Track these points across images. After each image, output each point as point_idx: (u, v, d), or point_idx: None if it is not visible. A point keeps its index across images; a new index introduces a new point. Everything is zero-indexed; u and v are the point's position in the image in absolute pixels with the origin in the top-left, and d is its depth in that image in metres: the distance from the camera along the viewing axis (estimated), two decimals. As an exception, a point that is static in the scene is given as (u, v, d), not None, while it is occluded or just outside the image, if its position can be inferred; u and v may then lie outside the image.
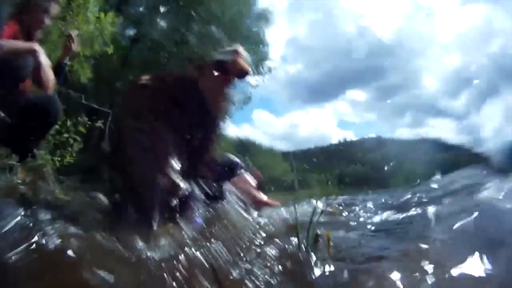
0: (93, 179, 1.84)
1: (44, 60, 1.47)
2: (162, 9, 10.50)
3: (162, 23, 11.11)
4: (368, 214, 1.53)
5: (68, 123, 2.39)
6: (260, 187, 1.62)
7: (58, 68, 1.71)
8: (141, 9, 10.84)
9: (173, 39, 10.56)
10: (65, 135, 2.43)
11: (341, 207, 1.78)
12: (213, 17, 10.58)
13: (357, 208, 1.76)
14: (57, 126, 2.25)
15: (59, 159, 2.29)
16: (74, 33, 1.78)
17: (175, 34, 10.63)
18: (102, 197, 1.27)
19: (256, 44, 12.10)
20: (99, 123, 2.46)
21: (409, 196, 1.72)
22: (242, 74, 1.56)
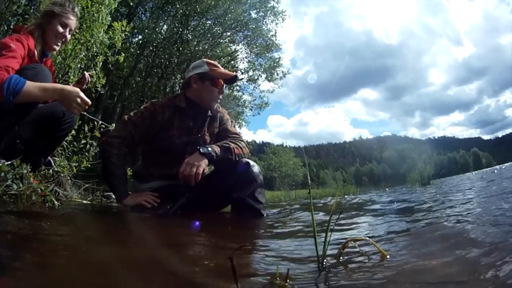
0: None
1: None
2: (164, 13, 10.75)
3: (164, 27, 11.42)
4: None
5: (86, 128, 2.43)
6: None
7: None
8: (144, 18, 11.19)
9: (172, 40, 10.75)
10: (83, 141, 2.48)
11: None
12: (207, 10, 10.68)
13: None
14: (73, 132, 2.30)
15: (76, 164, 2.34)
16: (87, 74, 1.90)
17: (174, 35, 10.82)
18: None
19: (255, 31, 12.13)
20: (112, 127, 2.49)
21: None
22: (228, 78, 1.72)
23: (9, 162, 1.29)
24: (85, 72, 2.01)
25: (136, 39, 11.65)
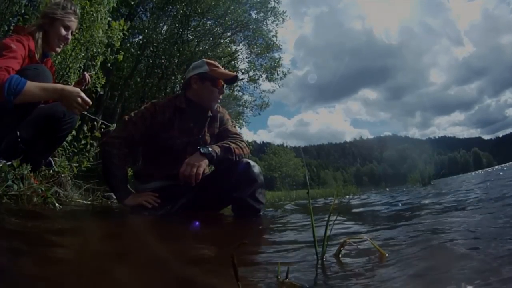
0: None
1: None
2: (164, 14, 10.73)
3: (164, 27, 11.42)
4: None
5: (85, 128, 2.44)
6: None
7: None
8: (144, 18, 11.20)
9: (172, 40, 10.75)
10: (83, 141, 2.48)
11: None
12: (208, 11, 10.68)
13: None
14: (74, 132, 2.31)
15: (77, 165, 2.34)
16: (87, 74, 1.90)
17: (175, 35, 10.82)
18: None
19: (255, 31, 12.13)
20: (112, 126, 2.49)
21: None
22: (229, 78, 1.71)
23: (10, 163, 1.29)
24: (85, 72, 2.01)
25: (137, 39, 11.65)
